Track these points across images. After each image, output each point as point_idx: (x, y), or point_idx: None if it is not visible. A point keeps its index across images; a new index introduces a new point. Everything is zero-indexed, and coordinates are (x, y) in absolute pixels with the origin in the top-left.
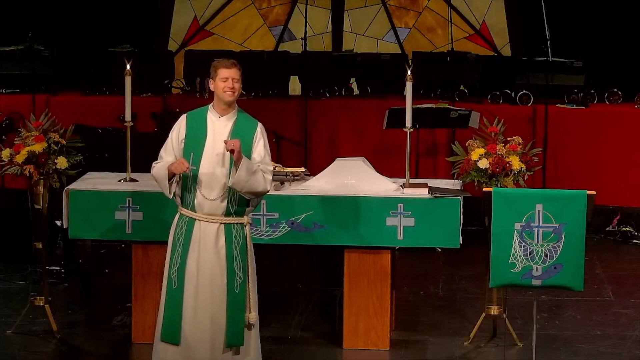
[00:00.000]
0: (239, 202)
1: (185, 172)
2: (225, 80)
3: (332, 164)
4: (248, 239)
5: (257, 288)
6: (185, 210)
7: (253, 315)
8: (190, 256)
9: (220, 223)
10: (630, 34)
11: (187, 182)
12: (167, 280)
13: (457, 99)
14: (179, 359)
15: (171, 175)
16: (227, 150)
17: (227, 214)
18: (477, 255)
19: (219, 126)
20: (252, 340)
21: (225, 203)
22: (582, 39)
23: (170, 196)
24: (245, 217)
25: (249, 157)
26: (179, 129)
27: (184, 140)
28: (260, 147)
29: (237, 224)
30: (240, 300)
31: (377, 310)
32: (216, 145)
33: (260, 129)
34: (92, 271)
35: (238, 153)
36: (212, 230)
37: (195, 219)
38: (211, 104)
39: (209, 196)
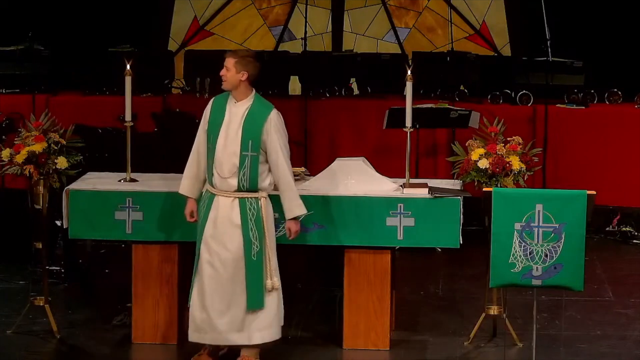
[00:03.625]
0: (250, 181)
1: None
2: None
3: (332, 164)
4: (264, 211)
5: (276, 257)
6: (209, 186)
7: (273, 282)
8: (207, 228)
9: (235, 197)
10: (630, 34)
11: (209, 161)
12: (196, 252)
13: (457, 99)
14: (205, 322)
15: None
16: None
17: (239, 189)
18: (477, 255)
19: (235, 111)
20: (273, 304)
21: (235, 181)
22: (582, 39)
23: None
24: (259, 192)
25: (259, 145)
26: (205, 113)
27: (207, 123)
28: (273, 142)
29: (251, 198)
30: (259, 266)
31: (377, 310)
32: (230, 128)
33: (272, 117)
34: (92, 271)
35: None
36: (227, 204)
37: (215, 195)
38: None
39: (222, 174)
